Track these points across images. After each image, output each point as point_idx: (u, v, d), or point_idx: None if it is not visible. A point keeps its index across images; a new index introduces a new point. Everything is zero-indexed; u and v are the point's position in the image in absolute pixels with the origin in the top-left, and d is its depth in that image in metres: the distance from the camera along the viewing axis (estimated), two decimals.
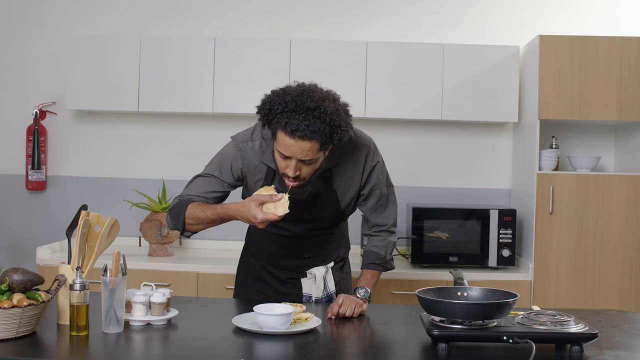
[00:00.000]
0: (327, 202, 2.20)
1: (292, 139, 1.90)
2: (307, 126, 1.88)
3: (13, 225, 3.97)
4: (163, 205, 3.60)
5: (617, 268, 3.33)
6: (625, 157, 3.67)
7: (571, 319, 1.76)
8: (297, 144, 1.91)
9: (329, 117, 1.90)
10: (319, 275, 2.28)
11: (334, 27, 3.89)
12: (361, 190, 2.23)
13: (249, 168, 2.18)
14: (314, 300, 2.29)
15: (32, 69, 3.97)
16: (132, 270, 3.05)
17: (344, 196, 2.21)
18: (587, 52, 3.35)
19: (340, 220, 2.34)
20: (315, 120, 1.88)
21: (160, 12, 3.94)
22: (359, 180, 2.21)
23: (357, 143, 2.18)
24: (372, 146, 2.22)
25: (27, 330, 1.76)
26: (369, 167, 2.20)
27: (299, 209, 2.10)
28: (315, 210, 2.21)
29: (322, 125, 1.89)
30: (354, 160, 2.19)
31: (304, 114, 1.88)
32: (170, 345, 1.79)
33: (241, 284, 2.44)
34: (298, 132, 1.88)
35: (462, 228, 3.48)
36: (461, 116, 3.61)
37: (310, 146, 1.92)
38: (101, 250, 1.97)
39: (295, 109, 1.89)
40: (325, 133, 1.91)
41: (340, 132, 1.93)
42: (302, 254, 2.31)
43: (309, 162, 1.97)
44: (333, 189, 2.18)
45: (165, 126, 3.94)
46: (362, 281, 2.24)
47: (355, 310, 2.06)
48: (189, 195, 2.20)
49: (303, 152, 1.92)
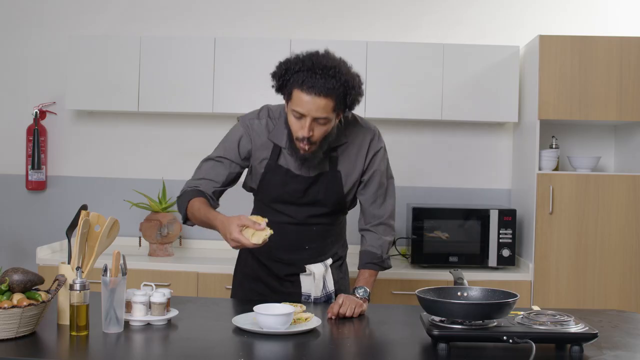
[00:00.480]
0: (330, 183, 2.23)
1: (308, 95, 1.99)
2: (324, 84, 1.97)
3: (13, 225, 3.97)
4: (163, 205, 3.60)
5: (617, 268, 3.33)
6: (625, 157, 3.67)
7: (571, 319, 1.76)
8: (312, 100, 1.99)
9: (344, 77, 2.00)
10: (318, 274, 2.28)
11: (334, 27, 3.90)
12: (362, 176, 2.27)
13: (255, 146, 2.23)
14: (313, 299, 2.29)
15: (32, 69, 3.97)
16: (132, 270, 3.05)
17: (347, 179, 2.25)
18: (587, 52, 3.35)
19: (340, 211, 2.34)
20: (331, 79, 1.98)
21: (160, 12, 3.94)
22: (362, 164, 2.26)
23: (362, 127, 2.27)
24: (376, 132, 2.30)
25: (27, 330, 1.76)
26: (372, 151, 2.26)
27: (303, 186, 2.18)
28: (318, 191, 2.22)
29: (337, 84, 1.99)
30: (358, 143, 2.25)
31: (321, 72, 1.98)
32: (170, 345, 1.79)
33: (239, 284, 2.43)
34: (314, 89, 1.98)
35: (462, 228, 3.48)
36: (461, 116, 3.61)
37: (325, 104, 2.00)
38: (101, 250, 1.97)
39: (311, 67, 1.99)
40: (339, 92, 2.00)
41: (353, 95, 2.03)
42: (301, 246, 2.30)
43: (323, 122, 2.04)
44: (337, 170, 2.22)
45: (165, 126, 3.94)
46: (360, 281, 2.25)
47: (356, 310, 2.06)
48: (196, 181, 2.24)
49: (318, 109, 2.00)
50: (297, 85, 2.01)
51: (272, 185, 2.24)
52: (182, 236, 3.82)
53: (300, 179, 2.20)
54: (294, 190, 2.21)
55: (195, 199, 2.18)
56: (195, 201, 2.17)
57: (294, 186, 2.21)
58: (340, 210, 2.35)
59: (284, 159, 2.21)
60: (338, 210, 2.33)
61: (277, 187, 2.23)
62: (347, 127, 2.23)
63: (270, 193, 2.26)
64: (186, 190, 2.23)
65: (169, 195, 3.69)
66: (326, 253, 2.35)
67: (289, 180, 2.21)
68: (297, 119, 2.05)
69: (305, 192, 2.22)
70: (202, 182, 2.24)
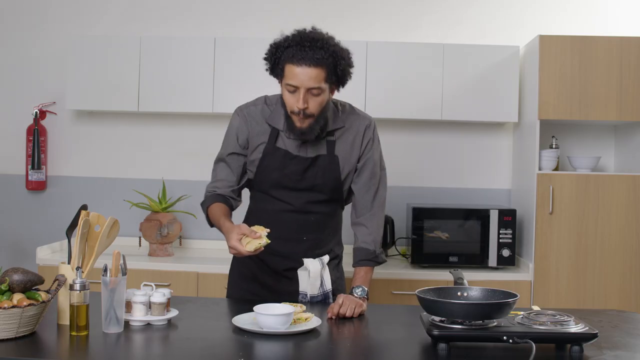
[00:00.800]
0: (328, 167, 2.26)
1: (299, 67, 2.08)
2: (313, 55, 2.07)
3: (13, 225, 3.97)
4: (163, 205, 3.60)
5: (617, 268, 3.33)
6: (625, 157, 3.67)
7: (571, 319, 1.76)
8: (304, 71, 2.08)
9: (332, 48, 2.11)
10: (313, 270, 2.28)
11: (334, 27, 3.83)
12: (358, 162, 2.32)
13: (252, 132, 2.29)
14: (310, 297, 2.29)
15: (32, 69, 3.97)
16: (132, 270, 3.05)
17: (344, 165, 2.29)
18: (587, 52, 3.35)
19: (338, 200, 2.35)
20: (319, 50, 2.08)
21: (160, 12, 3.94)
22: (358, 150, 2.31)
23: (359, 115, 2.36)
24: (373, 121, 2.37)
25: (27, 330, 1.76)
26: (367, 138, 2.33)
27: (302, 167, 2.24)
28: (316, 174, 2.26)
29: (326, 54, 2.09)
30: (354, 130, 2.31)
31: (309, 45, 2.08)
32: (170, 345, 1.79)
33: (234, 284, 2.44)
34: (305, 60, 2.07)
35: (462, 228, 3.48)
36: (461, 116, 3.61)
37: (317, 73, 2.09)
38: (101, 250, 1.97)
39: (300, 41, 2.09)
40: (329, 62, 2.10)
41: (343, 65, 2.14)
42: (299, 237, 2.31)
43: (316, 92, 2.11)
44: (335, 155, 2.27)
45: (165, 126, 3.94)
46: (357, 280, 2.25)
47: (356, 310, 2.06)
48: (213, 184, 2.33)
49: (310, 79, 2.09)
50: (288, 60, 2.10)
51: (270, 169, 2.27)
52: (182, 236, 3.82)
53: (299, 160, 2.24)
54: (292, 172, 2.24)
55: (213, 205, 2.27)
56: (213, 207, 2.27)
57: (292, 168, 2.25)
58: (338, 200, 2.36)
59: (282, 142, 2.26)
60: (336, 200, 2.34)
61: (275, 170, 2.26)
62: (344, 113, 2.31)
63: (269, 177, 2.28)
64: (207, 196, 2.33)
65: (169, 195, 3.69)
66: (322, 247, 2.35)
67: (287, 162, 2.25)
68: (291, 94, 2.13)
69: (303, 175, 2.25)
70: (219, 184, 2.33)
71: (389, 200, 3.82)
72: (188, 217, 3.77)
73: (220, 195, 2.30)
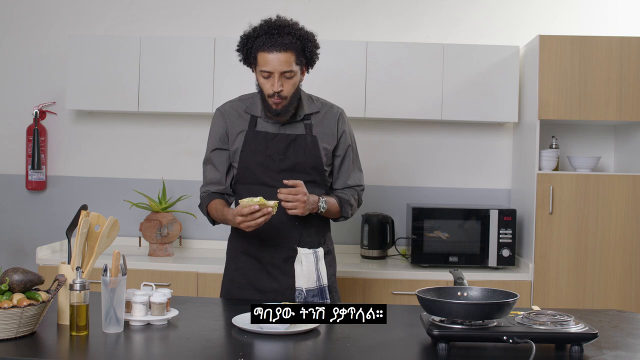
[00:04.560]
0: (309, 146, 2.37)
1: (270, 53, 2.23)
2: (281, 41, 2.22)
3: (13, 225, 3.97)
4: (163, 205, 3.60)
5: (617, 268, 3.33)
6: (625, 157, 3.67)
7: (571, 319, 1.76)
8: (275, 57, 2.23)
9: (298, 32, 2.26)
10: (309, 263, 2.31)
11: (334, 27, 3.90)
12: (335, 151, 2.44)
13: (230, 124, 2.41)
14: (305, 292, 2.30)
15: (32, 69, 3.97)
16: (132, 270, 3.07)
17: (322, 144, 2.39)
18: (587, 52, 3.35)
19: (321, 183, 2.41)
20: (287, 35, 2.24)
21: (160, 12, 3.94)
22: (334, 135, 2.43)
23: (332, 104, 2.50)
24: (343, 111, 2.50)
25: (27, 330, 1.76)
26: (341, 127, 2.46)
27: (283, 145, 2.35)
28: (297, 152, 2.35)
29: (294, 39, 2.25)
30: (329, 116, 2.45)
31: (277, 32, 2.24)
32: (170, 345, 1.79)
33: (226, 292, 2.44)
34: (275, 47, 2.22)
35: (462, 228, 3.48)
36: (461, 116, 3.61)
37: (287, 57, 2.24)
38: (101, 250, 1.97)
39: (268, 30, 2.25)
40: (297, 46, 2.25)
41: (310, 47, 2.28)
42: (291, 221, 2.33)
43: (289, 75, 2.26)
44: (314, 135, 2.39)
45: (165, 126, 3.94)
46: (325, 196, 2.36)
47: (297, 209, 2.20)
48: (205, 187, 2.46)
49: (282, 64, 2.23)
50: (259, 48, 2.25)
51: (253, 152, 2.35)
52: (182, 236, 3.82)
53: (280, 138, 2.35)
54: (275, 152, 2.34)
55: (212, 202, 2.39)
56: (212, 204, 2.38)
57: (274, 147, 2.35)
58: (321, 184, 2.41)
59: (262, 126, 2.38)
60: (319, 183, 2.40)
61: (259, 153, 2.34)
62: (318, 102, 2.47)
63: (253, 160, 2.34)
64: (202, 197, 2.45)
65: (169, 195, 3.69)
66: (313, 234, 2.37)
67: (268, 142, 2.36)
68: (266, 79, 2.27)
69: (285, 154, 2.35)
70: (211, 187, 2.44)
71: (389, 200, 3.85)
72: (188, 217, 3.77)
73: (215, 193, 2.43)
